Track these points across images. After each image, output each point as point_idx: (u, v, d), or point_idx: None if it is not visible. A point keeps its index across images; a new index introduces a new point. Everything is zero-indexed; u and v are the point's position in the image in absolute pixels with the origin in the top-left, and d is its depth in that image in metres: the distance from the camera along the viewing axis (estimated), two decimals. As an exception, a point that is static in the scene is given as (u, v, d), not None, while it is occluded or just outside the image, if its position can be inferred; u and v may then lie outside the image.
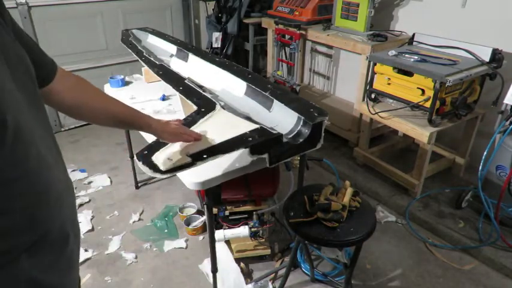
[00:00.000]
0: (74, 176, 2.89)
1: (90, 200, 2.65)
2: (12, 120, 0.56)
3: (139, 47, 2.20)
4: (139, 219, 2.49)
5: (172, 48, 2.29)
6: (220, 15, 3.83)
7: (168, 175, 1.10)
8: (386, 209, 2.57)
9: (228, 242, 2.07)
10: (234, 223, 1.99)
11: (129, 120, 1.06)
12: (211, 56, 2.10)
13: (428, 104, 2.30)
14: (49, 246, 0.68)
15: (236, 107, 1.62)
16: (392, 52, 2.43)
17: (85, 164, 3.05)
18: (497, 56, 2.28)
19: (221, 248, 1.99)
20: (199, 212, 2.47)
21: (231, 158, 1.42)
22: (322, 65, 3.64)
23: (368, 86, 2.66)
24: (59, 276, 0.73)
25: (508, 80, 2.24)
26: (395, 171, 2.64)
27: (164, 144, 1.20)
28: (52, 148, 0.73)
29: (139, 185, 2.81)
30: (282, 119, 1.49)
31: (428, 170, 2.53)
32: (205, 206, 1.54)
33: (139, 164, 1.10)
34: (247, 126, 1.33)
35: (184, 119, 1.40)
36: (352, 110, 3.10)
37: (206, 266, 2.06)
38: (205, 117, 1.41)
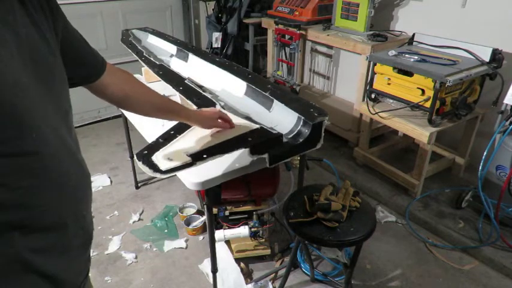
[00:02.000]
0: (74, 176, 2.89)
1: (90, 200, 2.65)
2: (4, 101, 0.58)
3: (139, 47, 2.20)
4: (140, 219, 2.49)
5: (172, 48, 2.29)
6: (220, 15, 3.83)
7: (168, 175, 1.10)
8: (386, 209, 2.57)
9: (228, 242, 2.07)
10: (234, 223, 1.99)
11: (169, 111, 1.18)
12: (211, 56, 2.10)
13: (428, 104, 2.30)
14: (43, 231, 0.69)
15: (236, 107, 1.62)
16: (392, 52, 2.43)
17: (85, 164, 3.05)
18: (497, 56, 2.28)
19: (221, 248, 1.99)
20: (199, 212, 2.47)
21: (231, 158, 1.42)
22: (322, 65, 3.64)
23: (368, 86, 2.66)
24: (56, 264, 0.73)
25: (508, 80, 2.24)
26: (395, 171, 2.64)
27: (164, 144, 1.20)
28: (67, 143, 0.75)
29: (139, 185, 2.81)
30: (282, 119, 1.49)
31: (428, 170, 2.53)
32: (205, 206, 1.54)
33: (139, 164, 1.10)
34: (247, 126, 1.34)
35: None
36: (352, 110, 3.10)
37: (206, 266, 2.06)
38: (205, 117, 1.41)
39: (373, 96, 2.65)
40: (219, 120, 1.30)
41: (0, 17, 0.61)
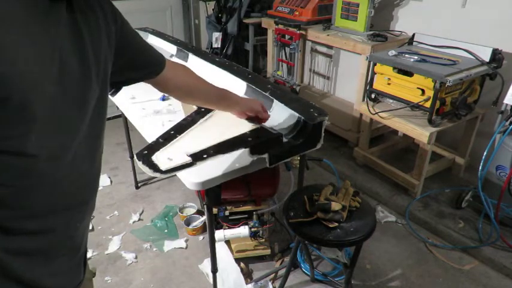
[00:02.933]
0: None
1: (90, 200, 2.65)
2: (21, 100, 0.57)
3: (139, 47, 2.19)
4: (140, 219, 2.49)
5: (172, 48, 2.30)
6: (220, 15, 3.83)
7: (168, 175, 1.10)
8: (386, 209, 2.56)
9: (228, 242, 2.07)
10: (234, 223, 1.99)
11: (224, 98, 1.28)
12: (211, 56, 2.10)
13: (428, 104, 2.30)
14: (26, 234, 0.68)
15: (236, 107, 1.62)
16: (392, 52, 2.43)
17: (85, 164, 3.04)
18: (497, 56, 2.28)
19: (221, 248, 1.99)
20: (199, 212, 2.47)
21: (231, 158, 1.42)
22: (322, 65, 3.64)
23: (368, 86, 2.66)
24: (36, 270, 0.71)
25: (508, 80, 2.24)
26: (395, 171, 2.64)
27: (164, 144, 1.20)
28: (85, 156, 0.74)
29: (139, 185, 2.81)
30: (282, 119, 1.49)
31: (428, 170, 2.53)
32: (205, 206, 1.54)
33: (139, 164, 1.10)
34: (247, 126, 1.34)
35: (184, 119, 1.40)
36: (352, 110, 3.10)
37: (206, 266, 2.06)
38: (205, 117, 1.42)
39: (373, 96, 2.65)
40: (259, 112, 1.37)
41: (43, 28, 0.61)
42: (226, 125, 1.37)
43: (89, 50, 0.71)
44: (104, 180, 2.85)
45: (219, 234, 1.91)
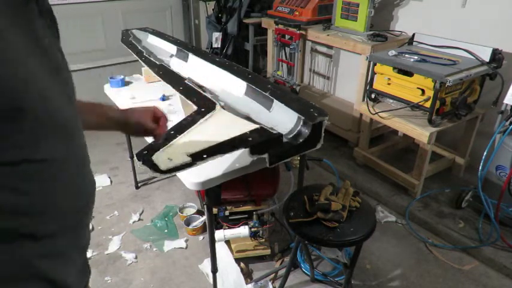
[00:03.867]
0: (74, 176, 2.89)
1: (90, 200, 2.65)
2: (32, 109, 0.57)
3: (139, 47, 2.19)
4: (140, 219, 2.49)
5: (172, 48, 2.29)
6: (220, 15, 3.83)
7: (168, 175, 1.10)
8: (386, 209, 2.56)
9: (228, 242, 2.07)
10: (234, 223, 1.99)
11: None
12: (211, 56, 2.10)
13: (428, 104, 2.30)
14: (49, 237, 0.68)
15: (236, 107, 1.62)
16: (392, 52, 2.43)
17: (85, 164, 3.05)
18: (497, 56, 2.28)
19: (221, 248, 1.99)
20: (199, 212, 2.47)
21: (231, 158, 1.42)
22: (322, 65, 3.64)
23: (368, 86, 2.66)
24: (61, 269, 0.72)
25: (508, 80, 2.24)
26: (395, 171, 2.64)
27: (164, 144, 1.20)
28: (83, 156, 0.75)
29: (139, 185, 2.81)
30: (282, 119, 1.49)
31: (428, 170, 2.53)
32: (205, 206, 1.54)
33: (139, 164, 1.10)
34: (247, 126, 1.34)
35: (184, 119, 1.40)
36: (352, 110, 3.10)
37: (206, 266, 2.06)
38: (205, 117, 1.41)
39: (373, 96, 2.65)
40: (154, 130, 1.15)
41: (32, 28, 0.60)
42: (226, 125, 1.37)
43: (60, 47, 0.71)
44: (104, 180, 2.86)
45: (219, 234, 1.91)
